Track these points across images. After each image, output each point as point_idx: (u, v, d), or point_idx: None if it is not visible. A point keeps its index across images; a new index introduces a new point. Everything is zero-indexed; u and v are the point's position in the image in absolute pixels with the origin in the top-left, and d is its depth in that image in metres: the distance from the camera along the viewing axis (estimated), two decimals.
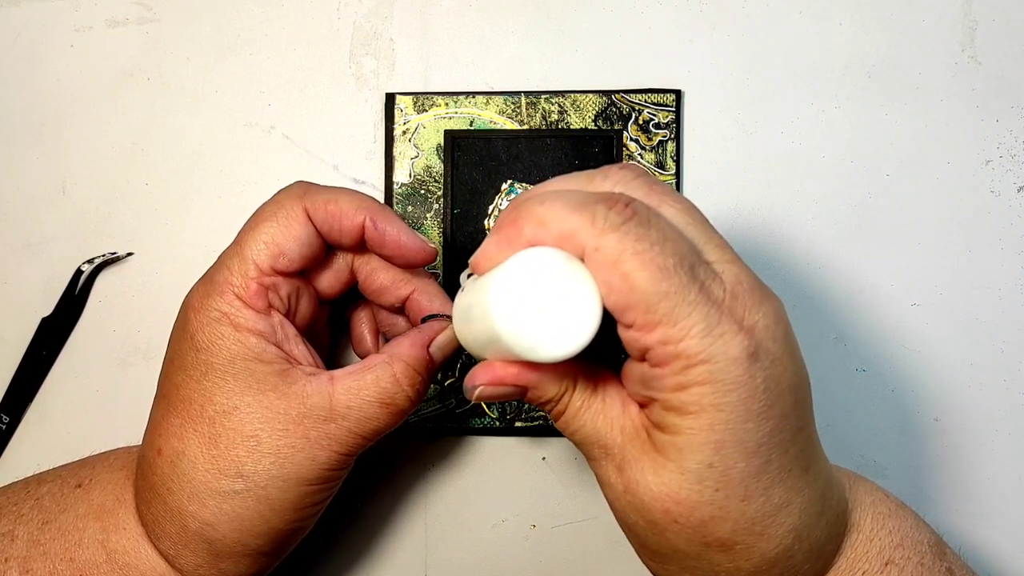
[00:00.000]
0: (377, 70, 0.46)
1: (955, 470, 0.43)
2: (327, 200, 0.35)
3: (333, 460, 0.34)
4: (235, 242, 0.35)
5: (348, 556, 0.44)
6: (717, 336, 0.27)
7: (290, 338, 0.35)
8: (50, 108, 0.46)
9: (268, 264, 0.34)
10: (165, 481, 0.34)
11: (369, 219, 0.35)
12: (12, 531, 0.35)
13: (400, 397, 0.34)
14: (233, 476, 0.33)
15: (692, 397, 0.27)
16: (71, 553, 0.35)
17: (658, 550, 0.31)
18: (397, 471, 0.44)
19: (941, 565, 0.33)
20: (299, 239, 0.35)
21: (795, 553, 0.30)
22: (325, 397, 0.33)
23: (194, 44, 0.46)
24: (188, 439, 0.33)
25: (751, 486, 0.29)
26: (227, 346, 0.33)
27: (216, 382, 0.33)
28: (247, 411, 0.33)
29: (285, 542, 0.35)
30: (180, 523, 0.33)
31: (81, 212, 0.46)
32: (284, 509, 0.34)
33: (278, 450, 0.33)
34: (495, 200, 0.44)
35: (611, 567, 0.44)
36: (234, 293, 0.34)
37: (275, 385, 0.33)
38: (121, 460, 0.38)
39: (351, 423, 0.34)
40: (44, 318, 0.45)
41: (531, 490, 0.44)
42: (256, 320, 0.34)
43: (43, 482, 0.37)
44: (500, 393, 0.31)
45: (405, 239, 0.36)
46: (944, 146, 0.44)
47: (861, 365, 0.44)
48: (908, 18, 0.45)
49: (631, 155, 0.44)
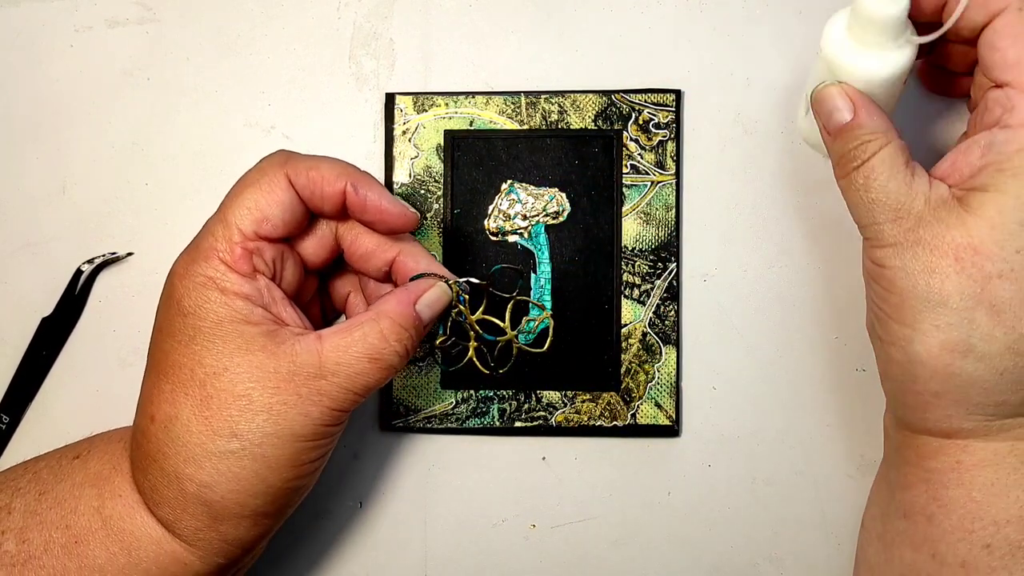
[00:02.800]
0: (377, 70, 0.46)
1: None
2: (308, 167, 0.36)
3: (326, 416, 0.34)
4: (219, 209, 0.36)
5: (348, 556, 0.44)
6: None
7: (277, 301, 0.36)
8: (50, 108, 0.46)
9: (252, 229, 0.35)
10: (160, 447, 0.34)
11: (350, 185, 0.36)
12: (9, 504, 0.36)
13: (388, 352, 0.35)
14: (227, 436, 0.33)
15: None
16: (67, 520, 0.35)
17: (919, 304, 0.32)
18: (397, 471, 0.44)
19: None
20: (282, 204, 0.35)
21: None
22: (314, 355, 0.34)
23: (194, 44, 0.46)
24: (180, 403, 0.34)
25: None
26: (214, 309, 0.34)
27: (205, 345, 0.34)
28: (237, 371, 0.33)
29: (285, 502, 0.36)
30: (178, 487, 0.34)
31: (81, 212, 0.46)
32: (281, 467, 0.34)
33: (270, 407, 0.33)
34: (495, 200, 0.44)
35: (611, 567, 0.44)
36: (219, 258, 0.34)
37: (264, 345, 0.34)
38: (119, 434, 0.38)
39: (341, 379, 0.34)
40: (44, 318, 0.45)
41: (531, 490, 0.44)
42: (242, 283, 0.34)
43: (41, 459, 0.38)
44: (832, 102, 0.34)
45: (386, 204, 0.36)
46: (944, 146, 0.44)
47: (861, 365, 0.44)
48: None
49: (631, 155, 0.44)
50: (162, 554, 0.35)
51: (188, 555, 0.35)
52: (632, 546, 0.44)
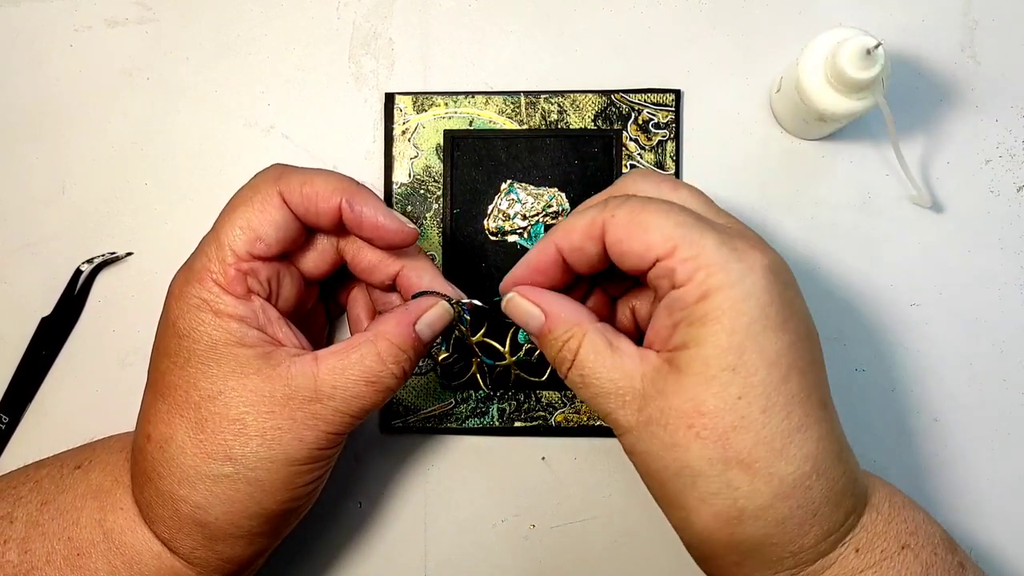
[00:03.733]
0: (377, 70, 0.46)
1: (955, 470, 0.43)
2: (302, 182, 0.35)
3: (322, 439, 0.34)
4: (213, 228, 0.35)
5: (348, 556, 0.44)
6: (731, 249, 0.30)
7: (273, 321, 0.35)
8: (50, 108, 0.46)
9: (245, 250, 0.34)
10: (155, 466, 0.34)
11: (345, 201, 0.35)
12: (11, 513, 0.35)
13: (385, 375, 0.34)
14: (222, 459, 0.33)
15: (714, 303, 0.30)
16: (69, 532, 0.35)
17: (677, 483, 0.31)
18: (397, 471, 0.44)
19: (953, 558, 0.33)
20: (275, 223, 0.34)
21: (813, 485, 0.30)
22: (309, 377, 0.33)
23: (194, 44, 0.46)
24: (176, 424, 0.33)
25: (772, 397, 0.30)
26: (208, 332, 0.33)
27: (199, 368, 0.33)
28: (231, 395, 0.33)
29: (280, 523, 0.35)
30: (173, 507, 0.34)
31: (81, 212, 0.46)
32: (275, 490, 0.34)
33: (264, 432, 0.33)
34: (494, 200, 0.44)
35: (611, 567, 0.44)
36: (212, 280, 0.34)
37: (259, 368, 0.33)
38: (120, 443, 0.38)
39: (337, 402, 0.34)
40: (44, 318, 0.45)
41: (531, 490, 0.44)
42: (236, 305, 0.34)
43: (42, 466, 0.37)
44: (523, 311, 0.35)
45: (383, 220, 0.35)
46: (944, 146, 0.44)
47: (861, 365, 0.44)
48: (908, 18, 0.45)
49: (631, 155, 0.44)
50: (163, 568, 0.35)
51: (188, 571, 0.35)
52: (632, 546, 0.44)
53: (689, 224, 0.31)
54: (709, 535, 0.31)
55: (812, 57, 0.39)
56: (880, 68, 0.37)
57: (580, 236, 0.33)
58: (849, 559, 0.32)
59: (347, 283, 0.42)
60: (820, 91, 0.39)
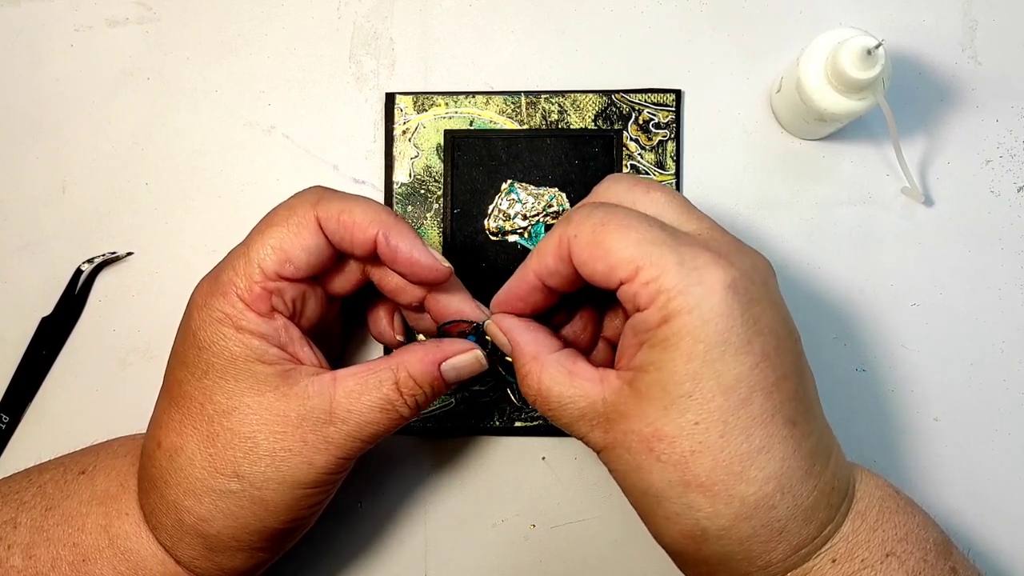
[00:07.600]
0: (377, 70, 0.46)
1: (955, 470, 0.43)
2: (340, 210, 0.34)
3: (331, 464, 0.34)
4: (244, 242, 0.34)
5: (348, 556, 0.44)
6: (691, 269, 0.29)
7: (294, 340, 0.35)
8: (50, 108, 0.46)
9: (273, 270, 0.34)
10: (163, 474, 0.34)
11: (382, 234, 0.34)
12: (15, 518, 0.35)
13: (399, 404, 0.34)
14: (229, 476, 0.33)
15: (673, 328, 0.30)
16: (74, 538, 0.35)
17: (644, 502, 0.32)
18: (397, 471, 0.44)
19: (945, 564, 0.33)
20: (307, 248, 0.34)
21: (777, 504, 0.30)
22: (326, 399, 0.33)
23: (194, 44, 0.46)
24: (187, 435, 0.33)
25: (730, 422, 0.30)
26: (228, 347, 0.33)
27: (217, 381, 0.33)
28: (246, 412, 0.33)
29: (282, 540, 0.35)
30: (175, 516, 0.34)
31: (81, 212, 0.46)
32: (279, 510, 0.34)
33: (274, 453, 0.33)
34: (495, 200, 0.44)
35: (611, 567, 0.44)
36: (237, 295, 0.33)
37: (276, 386, 0.33)
38: (125, 447, 0.38)
39: (350, 427, 0.33)
40: (44, 318, 0.45)
41: (531, 490, 0.44)
42: (259, 323, 0.33)
43: (45, 470, 0.37)
44: (499, 339, 0.36)
45: (418, 256, 0.34)
46: (944, 146, 0.44)
47: (861, 365, 0.44)
48: (908, 18, 0.45)
49: (631, 155, 0.44)
50: (167, 575, 0.35)
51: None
52: (632, 546, 0.44)
53: (650, 242, 0.30)
54: (680, 548, 0.32)
55: (812, 57, 0.39)
56: (880, 68, 0.37)
57: (553, 259, 0.33)
58: (824, 570, 0.31)
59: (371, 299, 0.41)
60: (820, 91, 0.39)
